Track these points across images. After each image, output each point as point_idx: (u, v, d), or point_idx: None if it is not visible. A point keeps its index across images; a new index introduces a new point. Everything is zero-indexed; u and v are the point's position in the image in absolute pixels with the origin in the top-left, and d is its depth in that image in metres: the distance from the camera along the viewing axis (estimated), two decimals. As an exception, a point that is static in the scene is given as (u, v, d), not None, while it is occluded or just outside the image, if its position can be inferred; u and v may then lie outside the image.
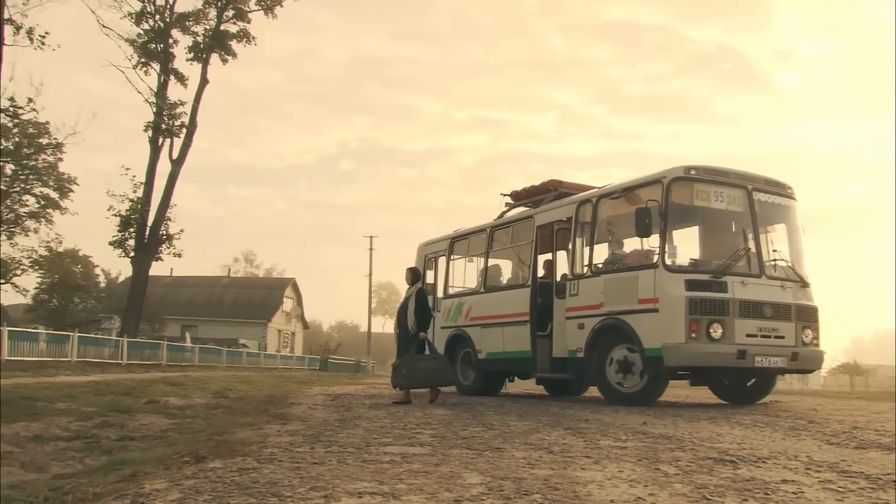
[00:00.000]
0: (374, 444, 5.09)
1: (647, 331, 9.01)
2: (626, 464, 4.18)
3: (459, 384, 13.08)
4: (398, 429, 6.30)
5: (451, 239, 13.91)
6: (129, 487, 3.54)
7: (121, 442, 5.70)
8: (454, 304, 13.36)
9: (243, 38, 31.11)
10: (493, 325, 12.09)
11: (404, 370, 9.77)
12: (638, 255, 9.85)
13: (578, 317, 10.17)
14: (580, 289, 10.28)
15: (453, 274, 13.90)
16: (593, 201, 10.46)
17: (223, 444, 4.98)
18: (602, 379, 9.75)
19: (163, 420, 7.35)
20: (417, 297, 10.24)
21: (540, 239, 11.48)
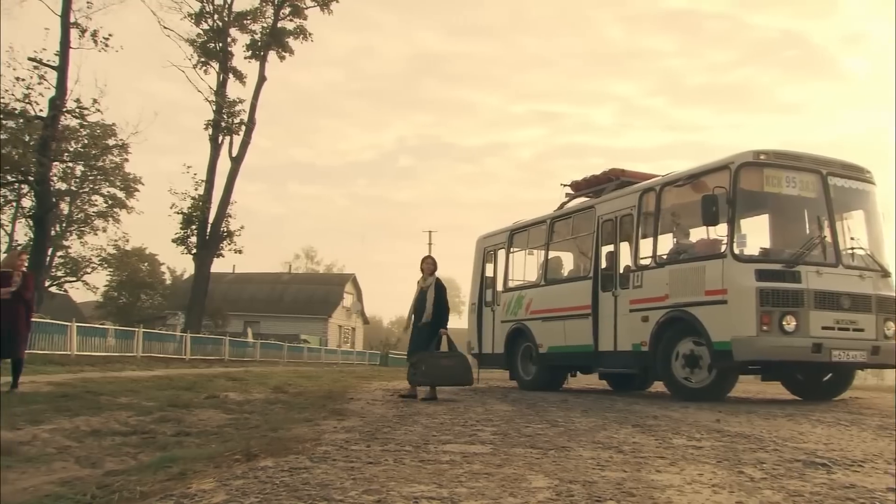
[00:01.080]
0: (432, 442, 4.86)
1: (715, 323, 8.62)
2: (706, 466, 3.84)
3: (520, 379, 12.81)
4: (458, 426, 6.06)
5: (510, 231, 13.61)
6: (175, 487, 3.38)
7: (176, 437, 5.59)
8: (514, 297, 13.05)
9: (300, 34, 31.39)
10: (554, 318, 11.78)
11: (423, 367, 9.38)
12: (705, 244, 9.44)
13: (642, 309, 9.82)
14: (644, 280, 9.93)
15: (513, 267, 13.63)
16: (657, 189, 10.08)
17: (277, 441, 4.82)
18: (668, 373, 9.39)
19: (220, 415, 7.26)
20: (437, 288, 9.83)
21: (602, 229, 11.14)
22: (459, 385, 9.88)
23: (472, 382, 9.89)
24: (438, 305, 9.73)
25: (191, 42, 30.12)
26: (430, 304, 9.69)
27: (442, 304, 9.79)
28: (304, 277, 67.16)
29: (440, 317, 9.73)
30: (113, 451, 4.90)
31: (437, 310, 9.71)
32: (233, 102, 30.31)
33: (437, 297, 9.74)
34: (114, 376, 12.87)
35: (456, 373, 9.49)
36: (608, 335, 10.55)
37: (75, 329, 17.69)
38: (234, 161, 30.87)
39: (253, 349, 31.17)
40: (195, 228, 29.98)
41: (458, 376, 9.56)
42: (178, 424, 6.39)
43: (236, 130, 30.50)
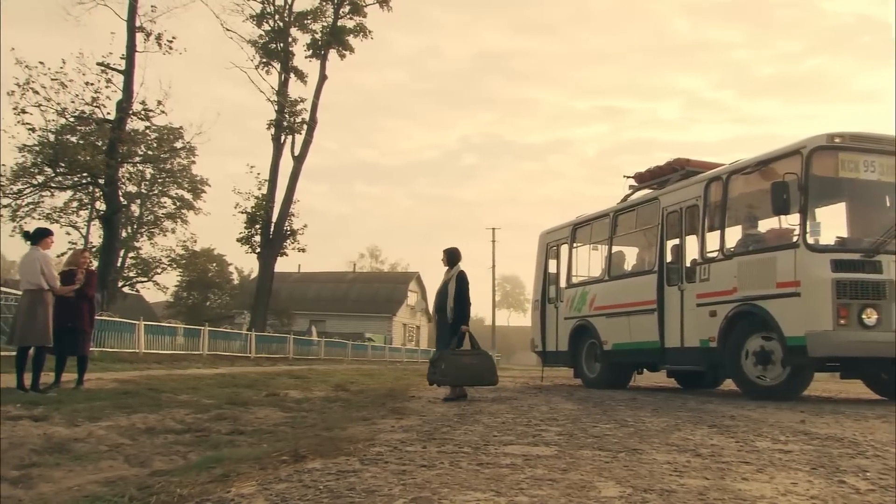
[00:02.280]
0: (493, 444, 4.55)
1: (787, 317, 8.11)
2: (799, 473, 3.43)
3: (584, 377, 12.42)
4: (521, 425, 5.74)
5: (573, 226, 13.20)
6: (216, 489, 3.17)
7: (229, 436, 5.43)
8: (578, 293, 12.68)
9: (360, 32, 31.47)
10: (618, 314, 11.38)
11: (443, 365, 8.73)
12: (775, 234, 8.93)
13: (710, 303, 9.36)
14: (711, 273, 9.45)
15: (576, 262, 13.23)
16: (724, 178, 9.58)
17: (328, 442, 4.58)
18: (738, 371, 8.91)
19: (278, 414, 7.11)
20: (458, 280, 9.15)
21: (666, 221, 10.66)
22: (482, 385, 9.28)
23: (496, 382, 9.29)
24: (459, 300, 9.06)
25: (253, 43, 30.57)
26: (451, 298, 9.08)
27: (463, 299, 9.09)
28: (368, 276, 67.62)
29: (460, 312, 9.06)
30: (164, 450, 4.77)
31: (458, 305, 9.05)
32: (294, 102, 30.64)
33: (458, 291, 9.09)
34: (178, 374, 12.96)
35: (478, 372, 8.88)
36: (674, 331, 10.09)
37: (143, 328, 17.99)
38: (296, 160, 31.18)
39: (317, 347, 31.37)
40: (259, 228, 30.39)
41: (480, 376, 8.94)
42: (234, 423, 6.25)
43: (298, 130, 30.83)
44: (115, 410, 6.63)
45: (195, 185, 35.52)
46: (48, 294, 8.42)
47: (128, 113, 24.54)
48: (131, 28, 24.99)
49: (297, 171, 31.23)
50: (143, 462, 4.34)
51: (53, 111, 23.81)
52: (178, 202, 36.35)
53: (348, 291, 59.15)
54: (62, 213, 29.85)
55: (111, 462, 4.30)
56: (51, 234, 8.78)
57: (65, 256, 16.42)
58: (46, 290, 8.38)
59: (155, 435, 5.43)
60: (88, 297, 9.34)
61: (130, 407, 6.93)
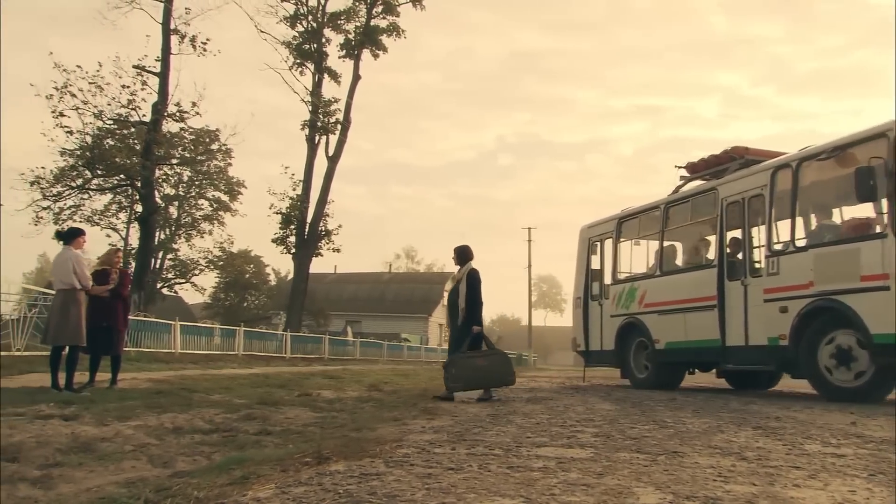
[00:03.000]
0: (525, 445, 4.36)
1: (874, 313, 7.57)
2: (856, 480, 3.17)
3: (633, 376, 11.97)
4: (556, 426, 5.54)
5: (618, 219, 12.73)
6: (233, 492, 3.04)
7: (256, 437, 5.32)
8: (625, 290, 12.20)
9: (393, 31, 31.44)
10: (672, 311, 10.91)
11: (453, 369, 8.39)
12: (857, 224, 8.41)
13: (780, 299, 8.84)
14: (781, 267, 8.93)
15: (622, 257, 12.74)
16: (793, 166, 9.05)
17: (354, 443, 4.44)
18: (814, 371, 8.44)
19: (308, 414, 7.01)
20: (468, 279, 8.77)
21: (726, 213, 10.17)
22: (497, 387, 8.80)
23: (513, 383, 8.91)
24: (470, 300, 8.69)
25: (286, 44, 30.72)
26: (462, 298, 8.72)
27: (474, 299, 8.71)
28: (404, 276, 67.67)
29: (471, 313, 8.70)
30: (189, 450, 4.67)
31: (469, 305, 8.69)
32: (328, 102, 30.74)
33: (469, 291, 8.72)
34: (212, 374, 12.97)
35: (492, 374, 8.51)
36: (738, 328, 9.61)
37: (179, 328, 18.11)
38: (330, 160, 31.26)
39: (353, 347, 31.39)
40: (294, 228, 30.53)
41: (494, 377, 8.56)
42: (263, 423, 6.16)
43: (332, 130, 30.91)
44: (146, 410, 6.58)
45: (231, 186, 35.75)
46: (80, 293, 8.44)
47: (163, 115, 24.82)
48: (166, 30, 25.32)
49: (332, 171, 31.34)
50: (167, 462, 4.25)
51: (90, 114, 24.28)
52: (215, 204, 36.64)
53: (384, 292, 59.25)
54: (102, 216, 30.36)
55: (134, 462, 4.22)
56: (83, 234, 8.79)
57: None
58: (79, 289, 8.39)
59: (182, 435, 5.35)
60: (122, 297, 9.35)
61: (161, 406, 6.88)
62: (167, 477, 3.78)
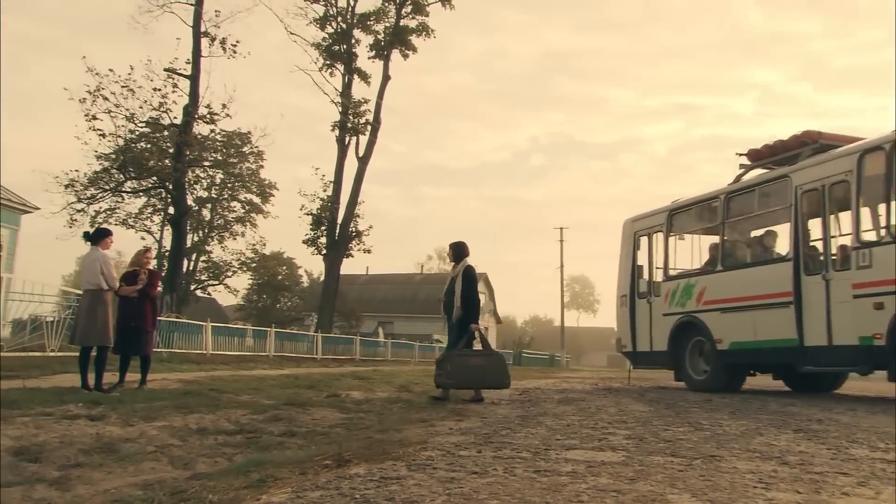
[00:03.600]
0: (554, 448, 4.20)
1: None
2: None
3: (689, 378, 11.12)
4: (587, 428, 5.37)
5: (669, 211, 11.88)
6: (248, 496, 2.94)
7: (280, 438, 5.24)
8: (680, 286, 11.35)
9: (422, 31, 31.41)
10: (738, 308, 10.17)
11: (448, 367, 8.14)
12: None
13: (874, 294, 8.12)
14: (874, 259, 8.20)
15: (675, 252, 11.90)
16: (886, 149, 8.33)
17: (378, 445, 4.32)
18: None
19: (335, 415, 6.91)
20: (464, 276, 8.51)
21: (802, 201, 9.45)
22: (492, 388, 8.47)
23: (508, 385, 8.54)
24: (466, 297, 8.45)
25: (316, 46, 30.83)
26: (458, 296, 8.48)
27: (470, 296, 8.46)
28: (436, 278, 67.43)
29: (468, 311, 8.45)
30: (211, 452, 4.60)
31: (465, 302, 8.44)
32: (358, 103, 30.78)
33: (465, 288, 8.47)
34: (242, 375, 12.96)
35: (487, 374, 8.23)
36: (819, 327, 8.93)
37: (210, 329, 18.19)
38: (360, 161, 31.33)
39: (384, 348, 31.37)
40: (324, 229, 30.60)
41: (489, 378, 8.27)
42: (289, 424, 6.08)
43: (362, 130, 30.96)
44: (173, 411, 6.54)
45: (263, 188, 36.01)
46: (108, 294, 8.44)
47: (194, 117, 25.04)
48: (197, 33, 25.55)
49: (362, 171, 31.40)
50: (187, 464, 4.19)
51: (123, 117, 24.57)
52: (247, 206, 36.94)
53: (416, 293, 59.15)
54: (137, 219, 30.76)
55: (154, 464, 4.16)
56: (110, 235, 8.80)
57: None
58: (106, 289, 8.39)
59: (206, 436, 5.28)
60: (151, 297, 9.33)
61: (188, 407, 6.83)
62: (185, 479, 3.71)
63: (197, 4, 25.52)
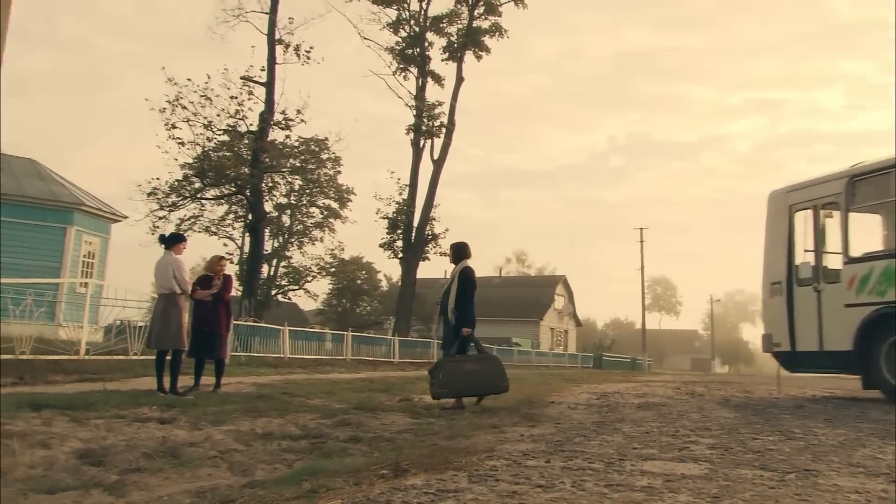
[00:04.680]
0: (630, 458, 3.89)
1: None
2: None
3: (885, 384, 9.12)
4: (667, 435, 5.01)
5: (850, 178, 9.94)
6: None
7: (345, 444, 5.08)
8: (874, 270, 9.36)
9: (495, 32, 31.18)
10: None
11: (440, 375, 7.74)
12: None
13: None
14: None
15: (859, 229, 10.05)
16: None
17: (440, 453, 4.09)
18: None
19: (405, 419, 6.74)
20: (460, 277, 8.13)
21: None
22: (486, 394, 8.03)
23: (506, 390, 7.98)
24: (461, 300, 8.06)
25: (390, 50, 30.99)
26: (453, 298, 8.11)
27: (465, 298, 8.06)
28: (514, 280, 67.12)
29: (462, 313, 8.06)
30: (272, 458, 4.48)
31: (460, 305, 8.05)
32: (432, 106, 30.81)
33: (460, 290, 8.09)
34: (317, 378, 12.98)
35: (482, 380, 7.78)
36: None
37: (287, 333, 18.39)
38: (435, 164, 31.30)
39: (462, 352, 31.19)
40: (401, 233, 30.68)
41: (485, 385, 7.83)
42: (356, 429, 5.93)
43: (437, 133, 30.94)
44: (243, 414, 6.49)
45: (341, 194, 36.37)
46: (181, 298, 8.52)
47: (269, 123, 25.48)
48: (271, 41, 26.01)
49: (437, 174, 31.35)
50: (246, 470, 4.07)
51: (201, 125, 25.14)
52: (326, 211, 37.37)
53: (495, 296, 58.84)
54: (219, 226, 31.52)
55: (212, 469, 4.05)
56: (184, 240, 8.89)
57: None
58: (179, 293, 8.47)
59: (270, 441, 5.18)
60: (225, 302, 9.39)
61: (258, 411, 6.78)
62: (239, 487, 3.59)
63: (271, 13, 25.99)
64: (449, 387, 7.73)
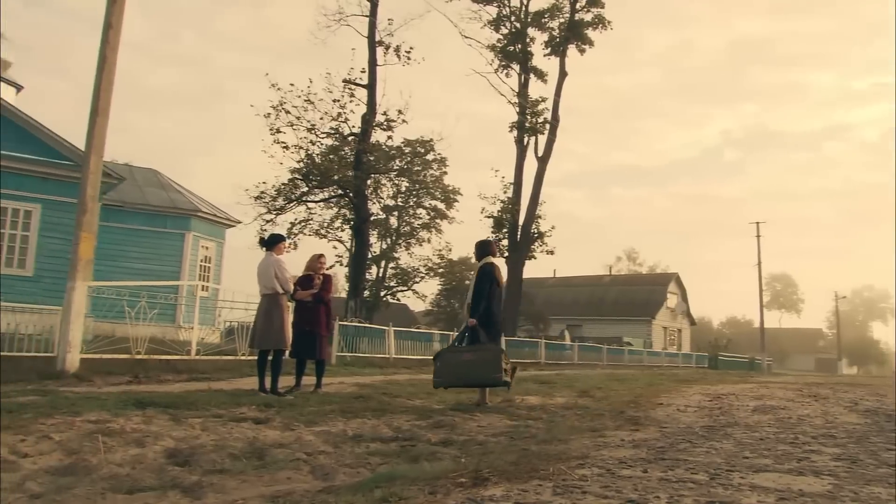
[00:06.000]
0: (738, 469, 3.49)
1: None
2: None
3: None
4: (784, 443, 4.54)
5: None
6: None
7: (434, 447, 4.88)
8: None
9: (598, 24, 30.41)
10: None
11: (438, 364, 7.61)
12: None
13: None
14: None
15: None
16: None
17: (530, 459, 3.81)
18: None
19: (503, 422, 6.51)
20: (478, 274, 8.08)
21: None
22: (480, 386, 7.81)
23: (500, 382, 7.61)
24: (475, 293, 7.95)
25: (491, 47, 30.74)
26: (470, 293, 8.09)
27: (478, 292, 7.94)
28: (625, 279, 65.49)
29: (475, 306, 7.90)
30: (358, 461, 4.34)
31: (474, 298, 7.94)
32: (535, 102, 30.32)
33: (476, 284, 8.00)
34: (420, 378, 12.87)
35: (475, 370, 7.49)
36: None
37: (392, 333, 18.44)
38: (540, 161, 30.82)
39: (570, 352, 30.55)
40: (506, 232, 30.37)
41: (477, 375, 7.55)
42: (450, 431, 5.74)
43: (541, 130, 30.47)
44: (339, 415, 6.42)
45: (447, 194, 36.37)
46: (283, 298, 8.55)
47: (371, 125, 25.74)
48: (372, 43, 26.21)
49: (542, 171, 30.86)
50: (327, 474, 3.94)
51: (304, 128, 25.55)
52: (432, 212, 37.48)
53: (605, 295, 57.64)
54: (328, 229, 32.15)
55: (292, 473, 3.95)
56: (284, 240, 8.95)
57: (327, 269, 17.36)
58: (281, 294, 8.51)
59: (359, 443, 5.05)
60: (325, 302, 9.38)
61: (353, 412, 6.70)
62: (315, 492, 3.45)
63: (371, 15, 26.19)
64: (444, 376, 7.61)
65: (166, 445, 4.56)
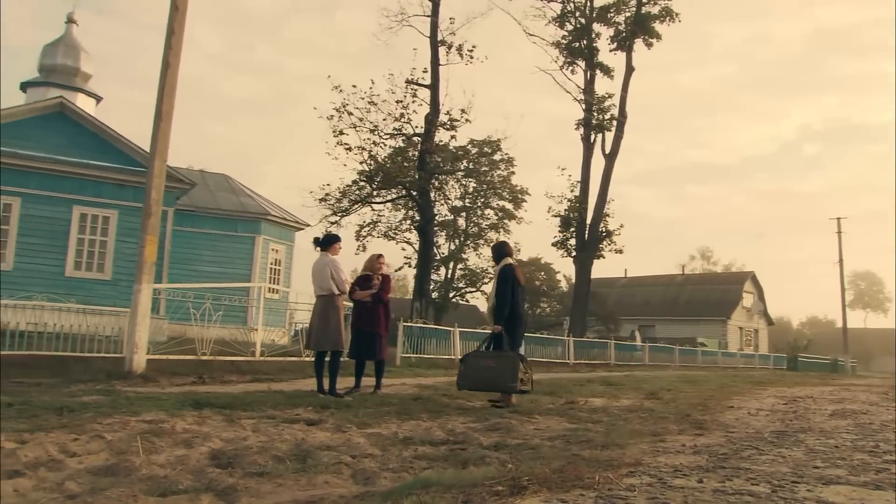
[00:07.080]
0: (806, 480, 3.19)
1: None
2: None
3: None
4: (862, 451, 4.18)
5: None
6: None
7: (485, 451, 4.70)
8: None
9: (665, 17, 29.64)
10: None
11: (462, 367, 7.95)
12: None
13: None
14: None
15: None
16: None
17: (577, 466, 3.59)
18: None
19: (562, 425, 6.28)
20: (499, 276, 8.10)
21: None
22: (499, 392, 7.88)
23: (515, 390, 7.74)
24: (497, 296, 8.01)
25: (556, 44, 30.34)
26: (492, 296, 8.19)
27: (500, 296, 8.00)
28: (698, 278, 63.81)
29: (498, 311, 7.99)
30: (403, 465, 4.20)
31: (497, 302, 8.00)
32: (602, 98, 29.77)
33: (497, 288, 8.07)
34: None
35: (495, 377, 7.71)
36: None
37: (458, 334, 18.32)
38: (607, 158, 30.25)
39: (641, 353, 29.85)
40: (573, 230, 29.93)
41: (495, 381, 7.75)
42: (505, 434, 5.55)
43: (608, 126, 29.89)
44: (394, 417, 6.32)
45: (515, 195, 36.08)
46: (339, 299, 8.51)
47: (435, 125, 25.66)
48: (434, 43, 26.12)
49: (609, 169, 30.29)
50: (368, 479, 3.80)
51: (367, 130, 25.65)
52: (500, 213, 37.25)
53: (678, 295, 56.29)
54: (396, 231, 32.28)
55: (331, 476, 3.82)
56: (338, 241, 8.90)
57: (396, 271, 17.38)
58: (337, 294, 8.47)
59: (408, 446, 4.90)
60: (384, 302, 9.31)
61: (408, 413, 6.60)
62: (350, 497, 3.31)
63: (433, 15, 26.10)
64: (467, 379, 7.93)
65: (213, 446, 4.51)
